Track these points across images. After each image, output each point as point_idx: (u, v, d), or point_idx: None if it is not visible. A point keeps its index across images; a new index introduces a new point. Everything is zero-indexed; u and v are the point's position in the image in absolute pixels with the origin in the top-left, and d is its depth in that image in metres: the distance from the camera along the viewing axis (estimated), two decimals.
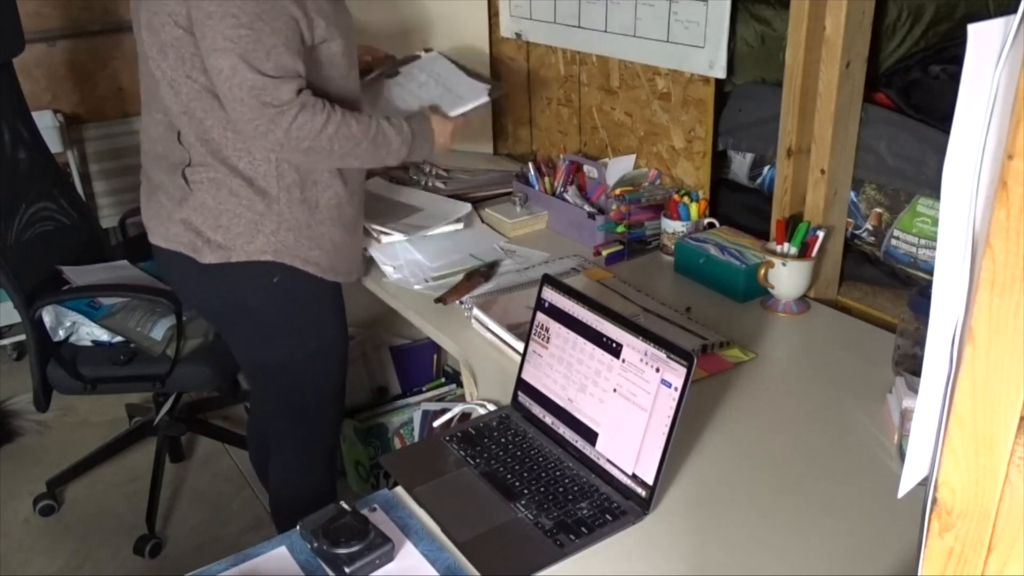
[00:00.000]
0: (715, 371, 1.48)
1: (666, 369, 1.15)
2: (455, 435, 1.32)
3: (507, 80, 2.53)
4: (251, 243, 1.60)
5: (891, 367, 1.45)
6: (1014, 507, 0.55)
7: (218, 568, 1.09)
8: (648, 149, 2.13)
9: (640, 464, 1.16)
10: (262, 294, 1.66)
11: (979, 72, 0.56)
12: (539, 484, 1.21)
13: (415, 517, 1.16)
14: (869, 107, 1.68)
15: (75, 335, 2.18)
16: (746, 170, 1.95)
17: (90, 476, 2.53)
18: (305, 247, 1.64)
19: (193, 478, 2.58)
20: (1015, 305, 0.52)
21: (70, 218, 2.33)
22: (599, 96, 2.23)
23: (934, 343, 0.65)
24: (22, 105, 2.28)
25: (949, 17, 1.77)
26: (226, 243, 1.60)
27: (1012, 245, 0.51)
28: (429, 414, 2.32)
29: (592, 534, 1.11)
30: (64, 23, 2.93)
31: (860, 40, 1.61)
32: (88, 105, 3.03)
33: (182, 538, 2.35)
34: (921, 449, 0.69)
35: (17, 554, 2.30)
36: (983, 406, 0.55)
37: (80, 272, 2.18)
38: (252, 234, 1.60)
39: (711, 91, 1.91)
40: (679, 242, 1.84)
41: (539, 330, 1.35)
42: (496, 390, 1.45)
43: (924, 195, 1.62)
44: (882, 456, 1.26)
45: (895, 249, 1.68)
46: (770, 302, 1.69)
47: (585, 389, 1.26)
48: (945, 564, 0.60)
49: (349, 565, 1.04)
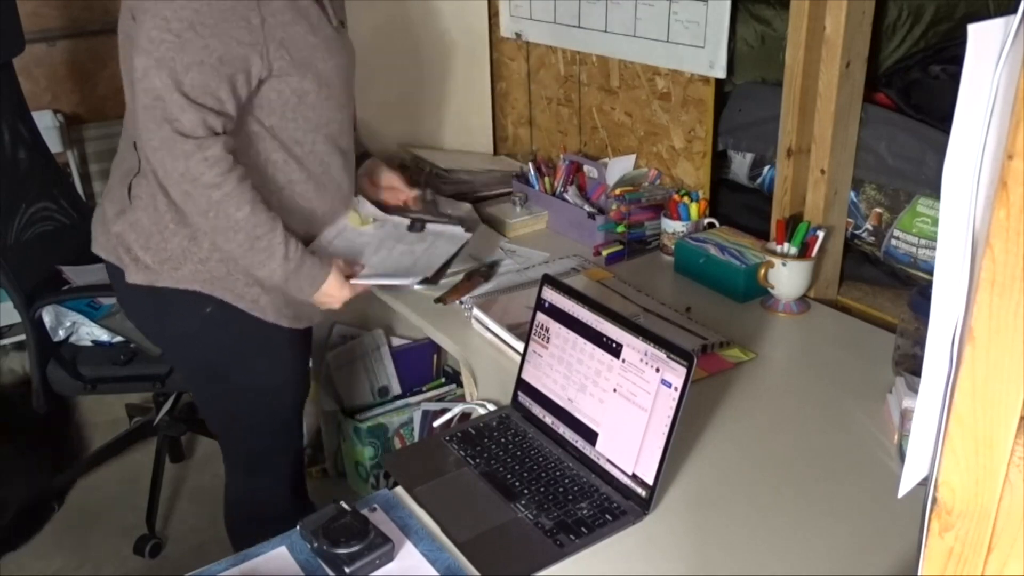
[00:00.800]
0: (715, 371, 1.48)
1: (666, 369, 1.14)
2: (455, 435, 1.32)
3: (507, 80, 2.54)
4: (178, 270, 1.48)
5: (891, 367, 1.45)
6: (1014, 507, 0.55)
7: (218, 568, 1.09)
8: (648, 149, 2.13)
9: (640, 464, 1.16)
10: (194, 323, 1.53)
11: (979, 72, 0.56)
12: (539, 484, 1.21)
13: (415, 517, 1.16)
14: (869, 107, 1.68)
15: (75, 335, 2.18)
16: (746, 170, 1.95)
17: (90, 476, 2.53)
18: (240, 283, 1.50)
19: (193, 478, 2.58)
20: (1015, 305, 0.52)
21: (70, 218, 2.33)
22: (599, 96, 2.23)
23: (934, 343, 0.65)
24: (22, 105, 2.27)
25: (949, 17, 1.78)
26: (153, 266, 1.48)
27: (1012, 245, 0.51)
28: (429, 414, 2.32)
29: (592, 534, 1.11)
30: (64, 23, 2.93)
31: (860, 40, 1.61)
32: (88, 105, 3.02)
33: (182, 538, 2.35)
34: (921, 449, 0.69)
35: (17, 554, 2.30)
36: (983, 406, 0.55)
37: (80, 272, 2.18)
38: (179, 260, 1.47)
39: (711, 91, 1.91)
40: (679, 242, 1.84)
41: (539, 330, 1.35)
42: (496, 390, 1.45)
43: (924, 195, 1.62)
44: (882, 456, 1.26)
45: (895, 249, 1.68)
46: (770, 302, 1.69)
47: (585, 389, 1.26)
48: (945, 564, 0.60)
49: (349, 565, 1.04)
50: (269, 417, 1.70)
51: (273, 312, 1.55)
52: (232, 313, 1.52)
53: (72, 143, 2.96)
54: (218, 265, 1.48)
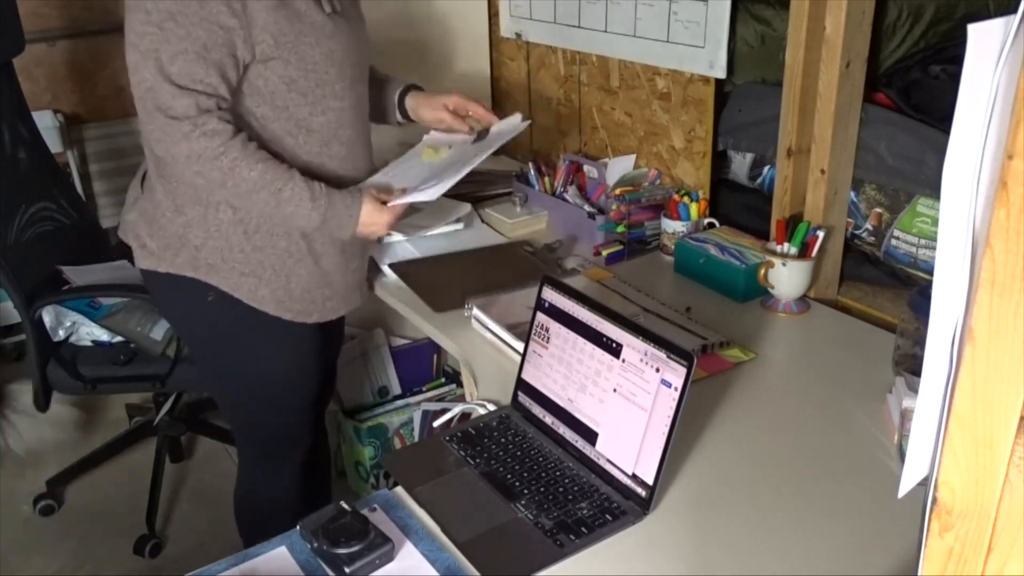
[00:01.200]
0: (715, 371, 1.47)
1: (666, 369, 1.14)
2: (455, 435, 1.32)
3: (507, 80, 2.54)
4: (177, 256, 1.51)
5: (891, 367, 1.45)
6: (1014, 507, 0.55)
7: (218, 568, 1.09)
8: (648, 149, 2.13)
9: (640, 464, 1.16)
10: (196, 310, 1.56)
11: (979, 72, 0.56)
12: (539, 484, 1.21)
13: (415, 517, 1.16)
14: (869, 107, 1.68)
15: (75, 335, 2.18)
16: (746, 170, 1.95)
17: (90, 476, 2.53)
18: (236, 272, 1.51)
19: (193, 478, 2.58)
20: (1015, 305, 0.52)
21: (70, 218, 2.33)
22: (599, 96, 2.23)
23: (934, 343, 0.65)
24: (22, 105, 2.27)
25: (949, 17, 1.78)
26: (157, 251, 1.52)
27: (1012, 245, 0.51)
28: (429, 414, 2.32)
29: (592, 534, 1.11)
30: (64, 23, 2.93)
31: (860, 40, 1.61)
32: (88, 105, 3.02)
33: (182, 538, 2.35)
34: (921, 449, 0.69)
35: (17, 554, 2.30)
36: (983, 406, 0.55)
37: (80, 272, 2.18)
38: (177, 247, 1.50)
39: (711, 91, 1.91)
40: (679, 242, 1.84)
41: (539, 330, 1.35)
42: (496, 390, 1.45)
43: (924, 195, 1.62)
44: (882, 456, 1.26)
45: (895, 249, 1.68)
46: (770, 302, 1.69)
47: (585, 389, 1.26)
48: (945, 564, 0.60)
49: (349, 565, 1.04)
50: (277, 409, 1.70)
51: (273, 304, 1.54)
52: (232, 302, 1.53)
53: (72, 143, 2.95)
54: (212, 254, 1.49)
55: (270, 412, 1.70)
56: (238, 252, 1.50)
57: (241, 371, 1.64)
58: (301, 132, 1.48)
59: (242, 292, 1.52)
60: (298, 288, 1.56)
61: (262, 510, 1.78)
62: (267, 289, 1.53)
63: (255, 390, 1.66)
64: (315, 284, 1.58)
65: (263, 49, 1.39)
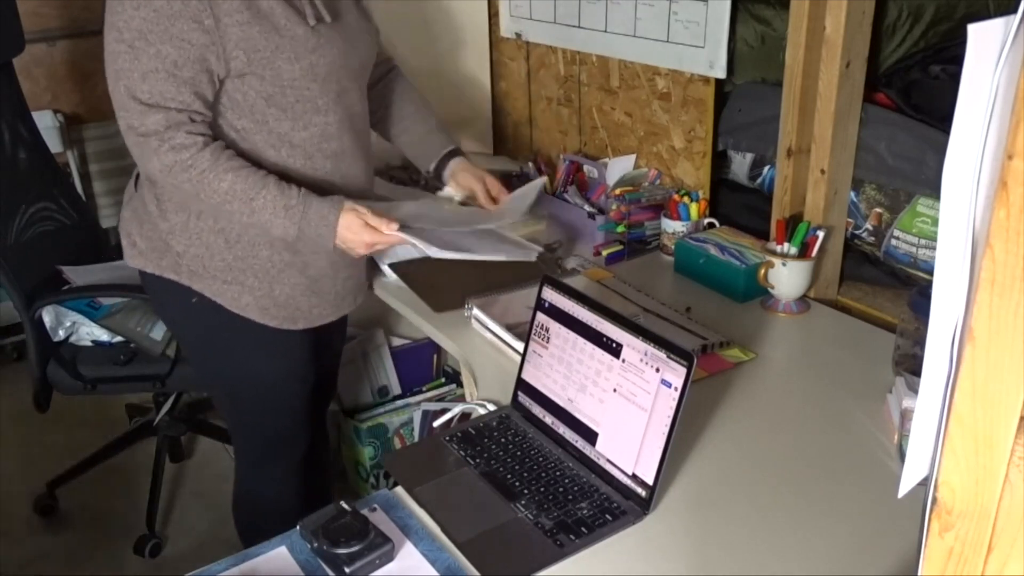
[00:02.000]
0: (715, 371, 1.48)
1: (666, 369, 1.14)
2: (455, 435, 1.32)
3: (507, 80, 2.54)
4: (162, 259, 1.52)
5: (891, 367, 1.45)
6: (1014, 507, 0.55)
7: (218, 568, 1.09)
8: (648, 149, 2.13)
9: (640, 464, 1.16)
10: (183, 312, 1.57)
11: (979, 72, 0.56)
12: (539, 484, 1.21)
13: (415, 517, 1.16)
14: (869, 107, 1.68)
15: (75, 335, 2.18)
16: (746, 170, 1.95)
17: (90, 476, 2.53)
18: (218, 280, 1.50)
19: (193, 478, 2.58)
20: (1015, 305, 0.52)
21: (70, 218, 2.33)
22: (599, 96, 2.23)
23: (934, 343, 0.65)
24: (22, 105, 2.28)
25: (949, 17, 1.77)
26: (145, 251, 1.54)
27: (1012, 245, 0.51)
28: (429, 414, 2.32)
29: (592, 534, 1.11)
30: (64, 23, 2.93)
31: (860, 40, 1.61)
32: (88, 105, 3.03)
33: (182, 538, 2.35)
34: (921, 449, 0.69)
35: (17, 554, 2.30)
36: (983, 406, 0.55)
37: (80, 272, 2.18)
38: (163, 251, 1.51)
39: (711, 91, 1.91)
40: (679, 242, 1.84)
41: (539, 330, 1.35)
42: (496, 390, 1.45)
43: (924, 195, 1.62)
44: (882, 456, 1.26)
45: (895, 249, 1.68)
46: (770, 302, 1.69)
47: (585, 389, 1.26)
48: (945, 564, 0.60)
49: (349, 565, 1.04)
50: (270, 411, 1.70)
51: (257, 312, 1.53)
52: (216, 306, 1.52)
53: (72, 143, 2.96)
54: (194, 261, 1.50)
55: (263, 413, 1.70)
56: (219, 260, 1.49)
57: (231, 373, 1.64)
58: (284, 146, 1.46)
59: (225, 299, 1.52)
60: (283, 296, 1.54)
61: (259, 510, 1.78)
62: (251, 296, 1.52)
63: (246, 392, 1.67)
64: (301, 292, 1.56)
65: (236, 65, 1.37)
